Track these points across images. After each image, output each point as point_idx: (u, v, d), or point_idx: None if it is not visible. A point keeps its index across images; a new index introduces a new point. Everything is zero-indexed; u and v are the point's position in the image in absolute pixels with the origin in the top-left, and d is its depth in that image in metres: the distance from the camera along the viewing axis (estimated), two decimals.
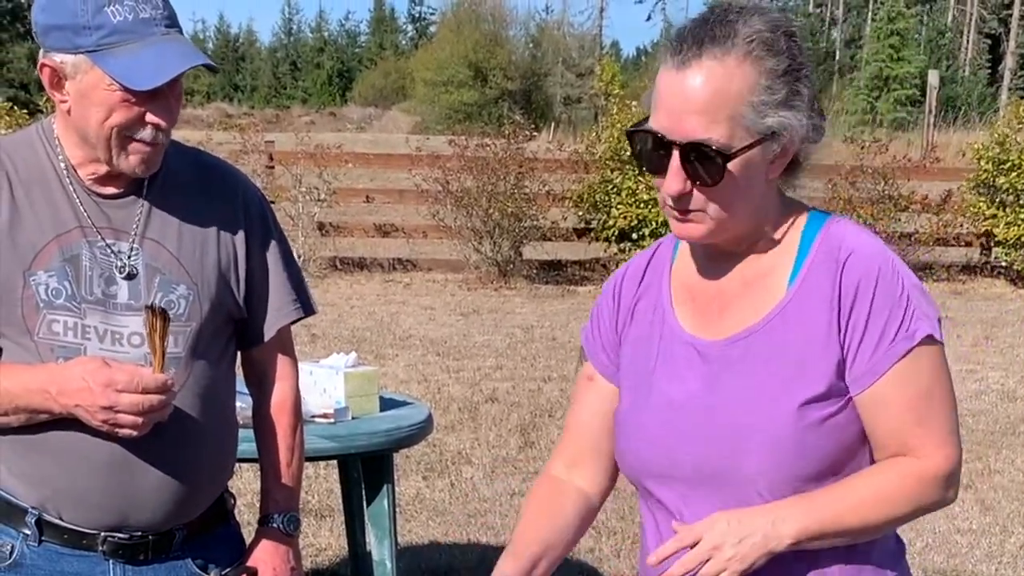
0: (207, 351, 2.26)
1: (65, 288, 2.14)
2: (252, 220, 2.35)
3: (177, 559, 2.28)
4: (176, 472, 2.21)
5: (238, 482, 6.40)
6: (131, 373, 2.03)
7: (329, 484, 6.56)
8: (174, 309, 2.18)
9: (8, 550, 2.20)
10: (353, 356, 4.46)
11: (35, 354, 2.14)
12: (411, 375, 9.24)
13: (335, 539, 5.78)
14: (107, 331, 2.15)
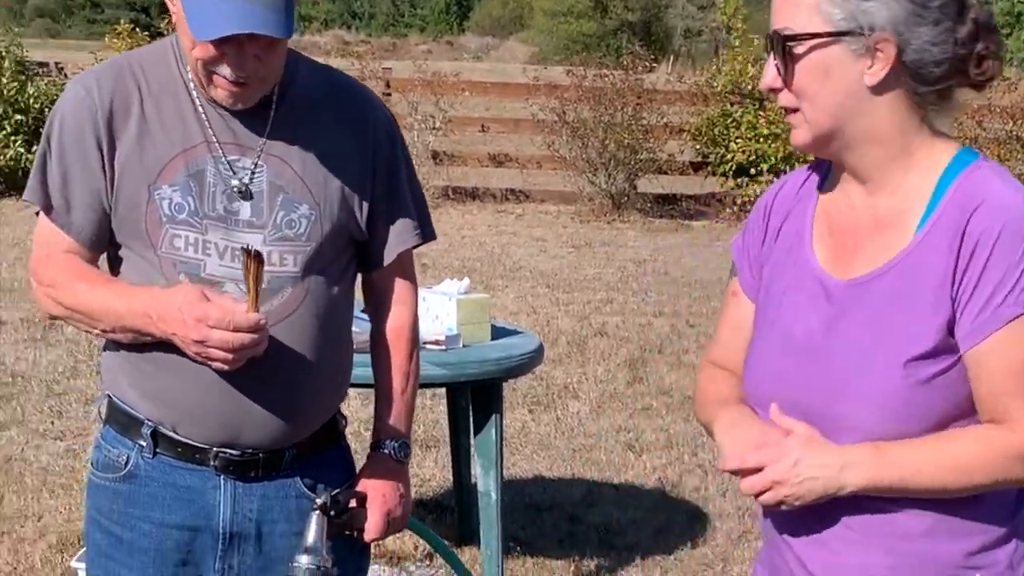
0: (325, 271, 2.25)
1: (188, 204, 2.16)
2: (380, 142, 2.33)
3: (287, 477, 2.29)
4: (289, 392, 2.22)
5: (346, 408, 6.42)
6: (224, 311, 2.03)
7: (435, 415, 6.56)
8: (295, 228, 2.18)
9: (124, 460, 2.26)
10: (466, 283, 4.42)
11: (157, 268, 2.17)
12: (520, 307, 9.19)
13: (440, 470, 5.78)
14: (227, 248, 2.16)
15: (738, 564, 4.92)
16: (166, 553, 2.26)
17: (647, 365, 7.80)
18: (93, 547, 2.32)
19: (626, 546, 5.07)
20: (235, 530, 2.27)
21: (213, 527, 2.26)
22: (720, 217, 14.14)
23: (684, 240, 12.92)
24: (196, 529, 2.26)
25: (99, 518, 2.30)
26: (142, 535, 2.26)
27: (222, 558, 2.28)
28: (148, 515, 2.26)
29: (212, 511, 2.25)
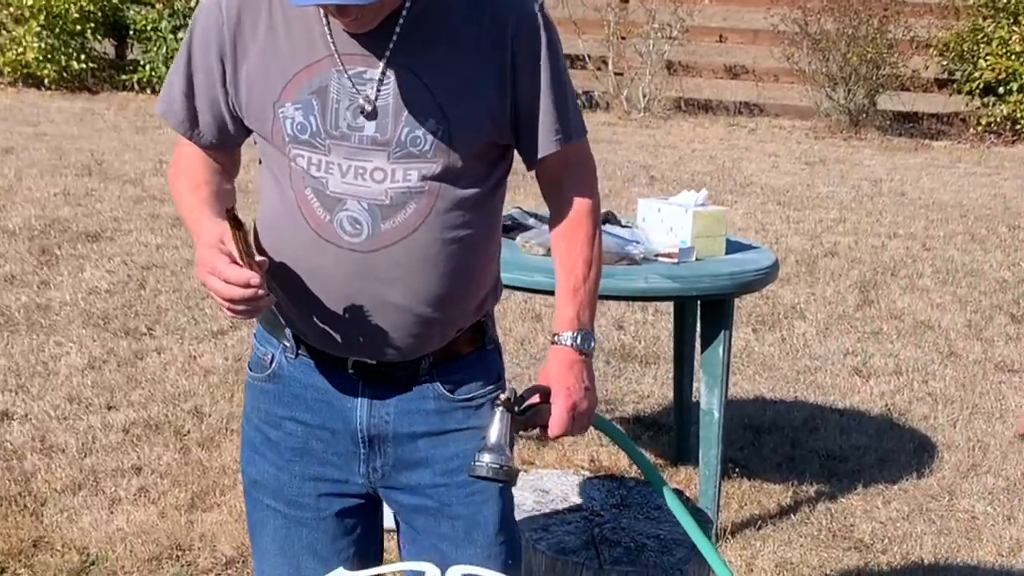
0: (457, 183, 2.16)
1: (310, 124, 2.11)
2: (522, 42, 2.15)
3: (425, 383, 2.26)
4: (412, 309, 2.17)
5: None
6: (216, 260, 2.00)
7: (656, 331, 6.51)
8: (420, 145, 2.10)
9: (269, 359, 2.29)
10: (703, 194, 4.32)
11: (287, 178, 2.15)
12: (749, 223, 9.02)
13: (659, 387, 5.73)
14: (350, 166, 2.11)
15: (965, 498, 4.75)
16: (312, 453, 2.27)
17: (878, 288, 7.56)
18: (247, 444, 2.35)
19: (848, 473, 4.94)
20: (373, 433, 2.26)
21: (352, 431, 2.26)
22: (963, 138, 13.58)
23: (923, 161, 12.44)
24: (336, 431, 2.26)
25: (251, 416, 2.33)
26: (287, 434, 2.28)
27: (365, 461, 2.28)
28: (292, 415, 2.27)
29: (350, 414, 2.25)
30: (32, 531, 3.97)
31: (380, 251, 2.12)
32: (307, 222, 2.13)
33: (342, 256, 2.12)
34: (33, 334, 5.86)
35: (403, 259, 2.13)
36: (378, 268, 2.13)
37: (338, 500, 2.31)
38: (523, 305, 6.76)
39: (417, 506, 2.31)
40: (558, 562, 2.94)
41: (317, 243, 2.13)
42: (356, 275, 2.13)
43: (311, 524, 2.30)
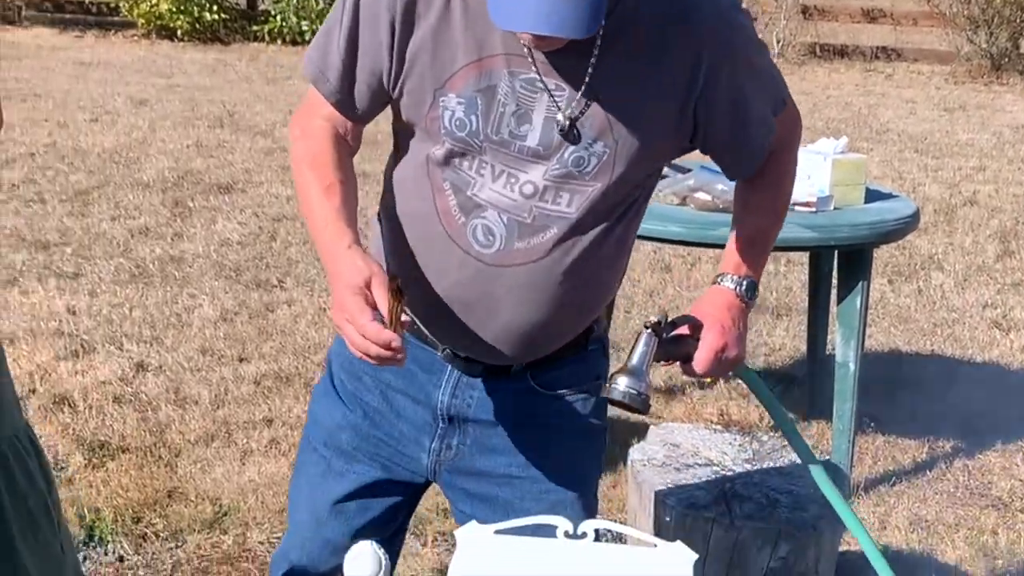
0: (606, 213, 2.04)
1: (470, 122, 1.96)
2: (717, 77, 1.99)
3: (518, 377, 2.17)
4: (529, 329, 2.08)
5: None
6: (361, 314, 1.87)
7: (788, 282, 6.40)
8: (582, 166, 1.97)
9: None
10: (844, 141, 4.20)
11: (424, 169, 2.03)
12: (886, 171, 8.80)
13: (791, 339, 5.62)
14: (503, 172, 1.98)
15: None
16: (383, 414, 2.21)
17: (1020, 238, 7.34)
18: (322, 382, 2.30)
19: (986, 429, 4.80)
20: (453, 413, 2.18)
21: (432, 405, 2.17)
22: None
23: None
24: (417, 401, 2.18)
25: (335, 359, 2.27)
26: (365, 389, 2.21)
27: (440, 437, 2.19)
28: (375, 373, 2.19)
29: (432, 390, 2.17)
30: (167, 482, 4.03)
31: (506, 268, 2.02)
32: (439, 218, 2.02)
33: (466, 262, 2.02)
34: (167, 286, 5.95)
35: (526, 281, 2.02)
36: (498, 284, 2.03)
37: (389, 469, 2.23)
38: (652, 256, 6.69)
39: (484, 495, 2.21)
40: (688, 517, 2.90)
41: (443, 241, 2.03)
42: (474, 283, 2.03)
43: (350, 481, 2.23)
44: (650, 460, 3.14)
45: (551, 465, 2.20)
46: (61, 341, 5.17)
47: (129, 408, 4.57)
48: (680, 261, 6.67)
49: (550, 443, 2.20)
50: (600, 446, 2.31)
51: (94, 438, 4.30)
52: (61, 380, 4.79)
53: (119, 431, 4.37)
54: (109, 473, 4.05)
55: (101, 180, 7.82)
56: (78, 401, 4.59)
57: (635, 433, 4.17)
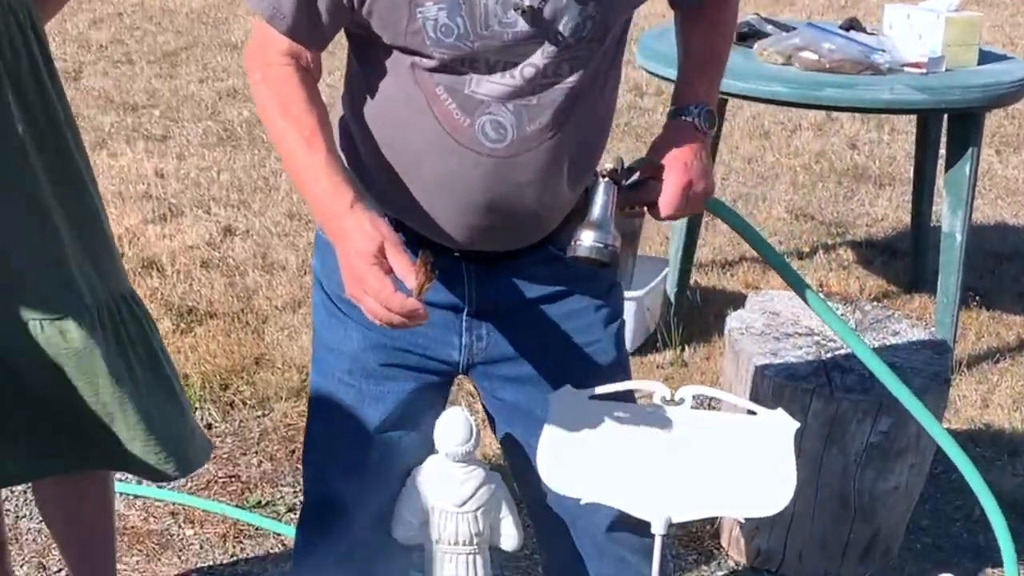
0: (599, 69, 1.91)
1: (457, 25, 1.80)
2: None
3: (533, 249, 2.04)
4: (550, 204, 1.96)
5: None
6: (382, 286, 1.73)
7: (892, 151, 6.19)
8: (579, 32, 1.83)
9: None
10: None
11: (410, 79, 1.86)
12: (996, 36, 8.47)
13: (893, 210, 5.44)
14: (497, 63, 1.83)
15: None
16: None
17: None
18: (322, 306, 2.13)
19: None
20: (480, 306, 2.05)
21: (454, 302, 2.04)
22: None
23: None
24: (436, 303, 2.02)
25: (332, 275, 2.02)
26: None
27: (468, 331, 2.07)
28: None
29: (454, 284, 2.03)
30: (254, 348, 3.99)
31: (522, 155, 1.89)
32: (440, 125, 1.87)
33: (480, 162, 1.88)
34: (255, 149, 5.89)
35: (544, 160, 1.90)
36: (519, 173, 1.90)
37: (423, 376, 2.10)
38: (751, 122, 6.51)
39: (522, 376, 2.10)
40: (787, 388, 2.79)
41: (450, 148, 1.88)
42: (494, 182, 1.89)
43: (388, 401, 2.10)
44: (748, 329, 3.03)
45: (585, 328, 2.10)
46: (149, 204, 5.14)
47: (217, 273, 4.54)
48: (779, 128, 6.48)
49: (580, 306, 2.10)
50: (620, 301, 2.19)
51: (182, 303, 4.27)
52: (149, 244, 4.77)
53: (207, 296, 4.34)
54: (197, 339, 4.02)
55: (189, 41, 7.77)
56: (166, 265, 4.57)
57: (731, 303, 4.06)
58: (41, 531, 3.04)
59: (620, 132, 6.14)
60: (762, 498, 1.97)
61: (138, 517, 3.15)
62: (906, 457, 2.84)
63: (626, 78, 6.57)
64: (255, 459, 3.44)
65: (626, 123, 6.35)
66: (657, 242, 4.76)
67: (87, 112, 6.29)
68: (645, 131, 6.18)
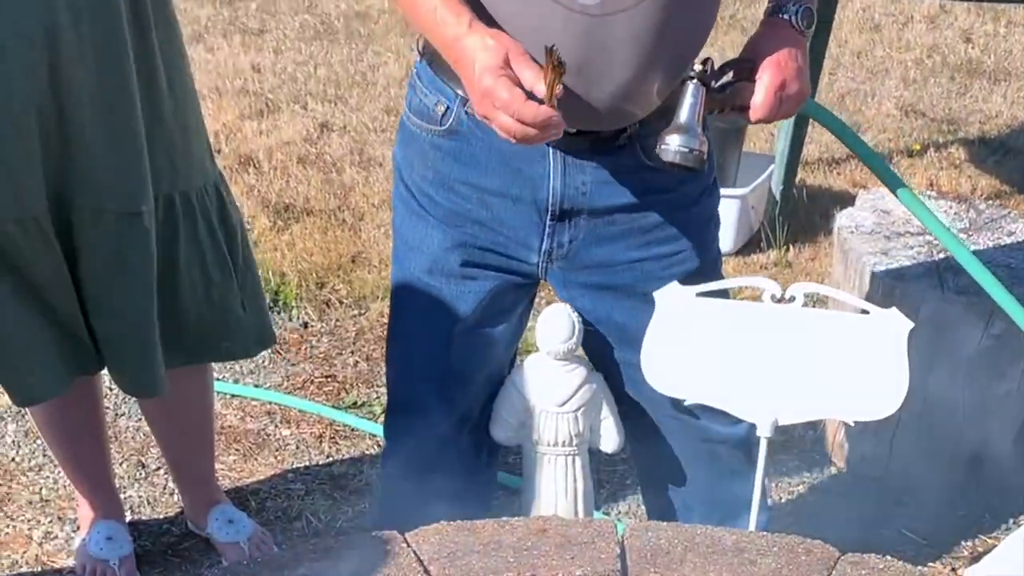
0: None
1: None
2: None
3: (623, 148, 1.94)
4: (649, 75, 1.84)
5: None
6: (512, 97, 1.64)
7: (1008, 44, 6.06)
8: None
9: (442, 111, 1.96)
10: None
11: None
12: None
13: (1008, 106, 5.31)
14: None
15: None
16: (485, 222, 1.99)
17: None
18: (403, 203, 2.07)
19: None
20: (566, 206, 1.96)
21: (540, 200, 1.95)
22: None
23: None
24: (520, 200, 1.96)
25: (413, 172, 2.02)
26: (461, 198, 1.98)
27: (550, 235, 1.98)
28: (469, 178, 1.96)
29: (540, 182, 1.94)
30: (350, 246, 3.96)
31: (617, 15, 1.78)
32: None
33: (571, 19, 1.78)
34: (352, 43, 5.84)
35: (641, 23, 1.79)
36: (610, 35, 1.80)
37: (504, 276, 2.04)
38: (861, 14, 6.31)
39: (604, 284, 2.03)
40: (897, 288, 2.70)
41: (540, 3, 1.78)
42: (584, 42, 1.79)
43: (469, 301, 2.05)
44: (858, 227, 2.93)
45: (671, 239, 2.02)
46: (246, 100, 5.12)
47: (313, 169, 4.52)
48: (890, 20, 6.28)
49: (667, 216, 2.01)
50: (715, 203, 2.11)
51: (279, 200, 4.26)
52: (246, 140, 4.75)
53: (303, 193, 4.32)
54: (294, 236, 4.01)
55: None
56: (263, 161, 4.55)
57: (839, 202, 3.94)
58: (140, 428, 3.05)
59: (725, 25, 5.98)
60: (872, 401, 1.90)
61: (235, 416, 3.16)
62: (1019, 363, 2.74)
63: None
64: (351, 359, 3.43)
65: (731, 15, 6.19)
66: (762, 139, 4.64)
67: (184, 5, 6.28)
68: (752, 25, 6.01)
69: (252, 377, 3.29)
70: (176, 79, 2.16)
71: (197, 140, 2.24)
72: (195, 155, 2.23)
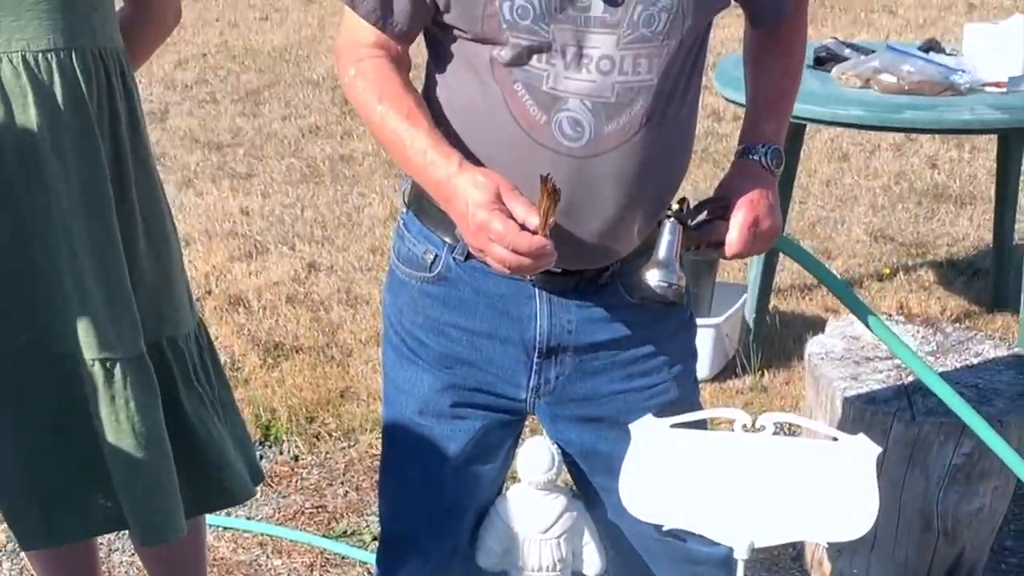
0: (682, 70, 1.91)
1: (533, 6, 1.80)
2: None
3: (606, 286, 2.03)
4: (630, 214, 1.94)
5: None
6: (507, 229, 1.72)
7: (972, 169, 6.15)
8: (654, 25, 1.83)
9: (431, 258, 2.03)
10: None
11: (489, 72, 1.87)
12: None
13: (975, 229, 5.40)
14: (575, 54, 1.83)
15: None
16: (474, 363, 2.05)
17: None
18: (392, 348, 2.14)
19: None
20: (553, 344, 2.03)
21: (527, 340, 2.03)
22: None
23: None
24: (507, 340, 2.03)
25: (402, 317, 2.09)
26: (451, 341, 2.05)
27: (538, 372, 2.05)
28: (458, 321, 2.03)
29: (527, 323, 2.02)
30: (339, 382, 4.06)
31: (600, 156, 1.88)
32: (517, 123, 1.87)
33: (557, 162, 1.86)
34: (337, 185, 5.98)
35: (623, 164, 1.89)
36: (595, 175, 1.89)
37: (492, 415, 2.11)
38: (830, 144, 6.49)
39: (589, 416, 2.11)
40: (867, 412, 2.80)
41: (528, 146, 1.87)
42: (570, 182, 1.86)
43: (460, 440, 2.10)
44: (828, 354, 3.04)
45: (652, 371, 2.11)
46: (235, 242, 5.25)
47: (302, 308, 4.62)
48: (858, 149, 6.45)
49: (647, 350, 2.10)
50: (692, 335, 2.20)
51: (268, 338, 4.36)
52: (236, 281, 4.87)
53: (292, 331, 4.42)
54: (283, 373, 4.10)
55: (272, 79, 7.91)
56: (252, 301, 4.66)
57: (811, 327, 4.06)
58: (133, 563, 3.11)
59: (698, 158, 6.15)
60: (844, 523, 1.98)
61: (227, 548, 3.22)
62: (989, 479, 2.83)
63: (704, 104, 6.59)
64: (341, 489, 3.51)
65: (704, 149, 6.36)
66: (736, 268, 4.77)
67: (173, 152, 6.43)
68: (723, 157, 6.18)
69: (244, 509, 3.35)
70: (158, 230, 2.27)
71: (180, 287, 2.34)
72: (179, 302, 2.33)
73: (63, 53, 2.08)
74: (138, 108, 2.24)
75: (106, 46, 2.16)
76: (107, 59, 2.16)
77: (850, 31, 8.67)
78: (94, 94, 2.12)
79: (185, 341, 2.34)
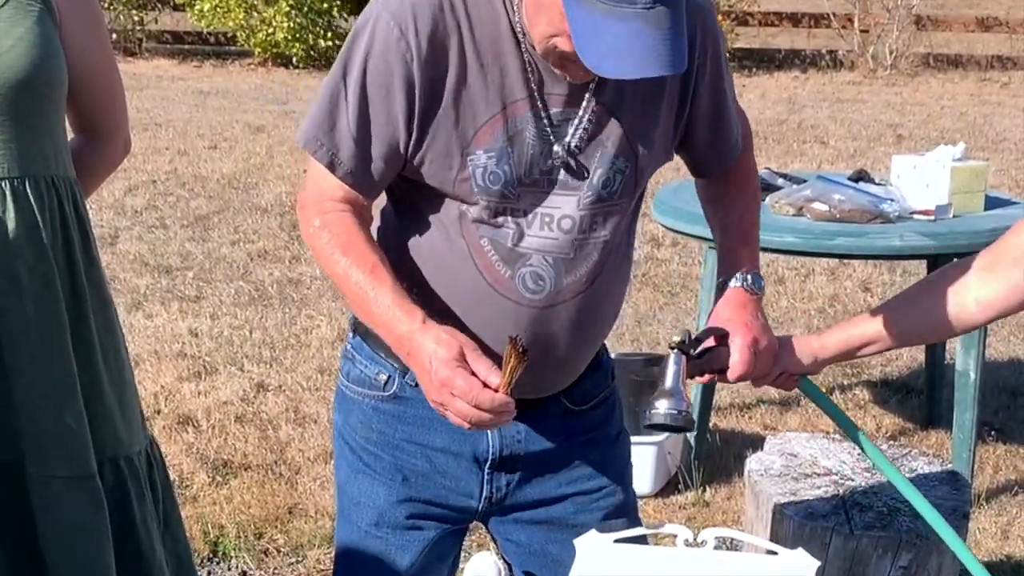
0: (626, 222, 2.06)
1: (504, 173, 1.92)
2: (706, 58, 2.04)
3: (551, 397, 2.14)
4: (580, 354, 2.09)
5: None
6: (470, 385, 1.81)
7: None
8: (609, 187, 1.97)
9: (384, 380, 2.11)
10: (961, 147, 4.15)
11: (457, 230, 1.97)
12: (1003, 180, 8.64)
13: (908, 350, 5.52)
14: (536, 215, 1.96)
15: None
16: (428, 476, 2.13)
17: None
18: (346, 463, 2.20)
19: None
20: (504, 454, 2.13)
21: (480, 453, 2.12)
22: None
23: None
24: (460, 454, 2.12)
25: (355, 433, 2.16)
26: (406, 456, 2.13)
27: (489, 482, 2.15)
28: (412, 436, 2.12)
29: (479, 437, 2.11)
30: (287, 498, 4.09)
31: (558, 306, 2.01)
32: (482, 276, 1.98)
33: (520, 312, 1.99)
34: (286, 308, 6.05)
35: (577, 312, 2.02)
36: (553, 323, 2.01)
37: (444, 525, 2.19)
38: (765, 268, 6.61)
39: (537, 519, 2.19)
40: (807, 527, 2.87)
41: (491, 297, 1.98)
42: (529, 329, 1.98)
43: (415, 549, 2.17)
44: (767, 470, 3.12)
45: (596, 475, 2.20)
46: (184, 363, 5.29)
47: (251, 427, 4.66)
48: (793, 273, 6.62)
49: (591, 455, 2.19)
50: (628, 446, 2.31)
51: (217, 457, 4.39)
52: (185, 401, 4.90)
53: (241, 450, 4.46)
54: (232, 490, 4.13)
55: (220, 205, 8.00)
56: (201, 421, 4.70)
57: (750, 444, 4.16)
58: None
59: (639, 283, 6.29)
60: None
61: None
62: None
63: (643, 230, 6.76)
64: None
65: (643, 274, 6.49)
66: None
67: (123, 275, 6.48)
68: (663, 281, 6.33)
69: None
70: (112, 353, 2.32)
71: (132, 407, 2.39)
72: (133, 421, 2.38)
73: (16, 181, 2.15)
74: (90, 233, 2.30)
75: (59, 174, 2.23)
76: (59, 186, 2.22)
77: (783, 161, 8.92)
78: (47, 220, 2.18)
79: (139, 459, 2.39)
